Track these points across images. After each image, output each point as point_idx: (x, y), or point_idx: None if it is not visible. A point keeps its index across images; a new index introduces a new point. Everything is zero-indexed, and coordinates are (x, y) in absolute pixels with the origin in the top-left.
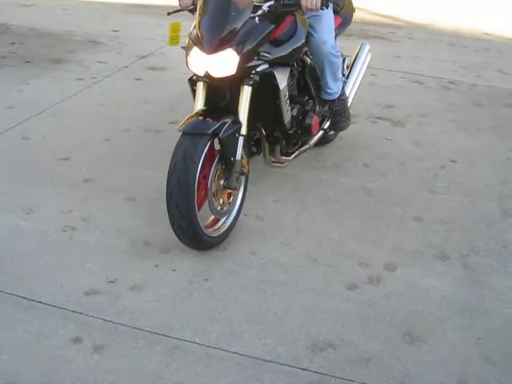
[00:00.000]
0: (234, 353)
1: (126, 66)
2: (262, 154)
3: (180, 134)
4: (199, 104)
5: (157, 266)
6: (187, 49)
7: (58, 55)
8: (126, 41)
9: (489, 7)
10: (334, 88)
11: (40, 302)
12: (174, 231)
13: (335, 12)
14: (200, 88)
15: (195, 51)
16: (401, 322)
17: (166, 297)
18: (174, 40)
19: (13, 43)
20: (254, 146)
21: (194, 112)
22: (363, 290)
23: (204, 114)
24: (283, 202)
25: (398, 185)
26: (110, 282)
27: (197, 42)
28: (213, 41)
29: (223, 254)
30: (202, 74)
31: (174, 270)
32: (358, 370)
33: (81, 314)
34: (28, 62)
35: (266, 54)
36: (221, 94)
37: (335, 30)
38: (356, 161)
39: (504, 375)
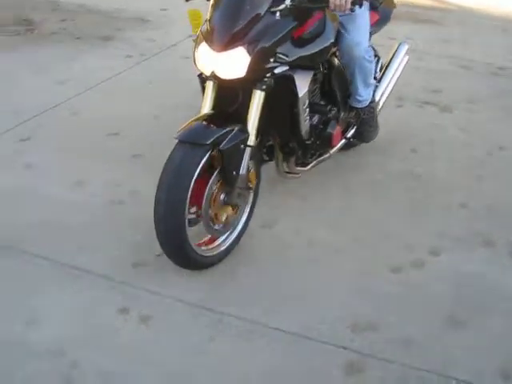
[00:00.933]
0: (276, 329)
1: (174, 45)
2: (274, 162)
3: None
4: (206, 106)
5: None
6: (196, 43)
7: (108, 32)
8: (174, 19)
9: None
10: (364, 95)
11: (88, 273)
12: (162, 249)
13: (373, 7)
14: (209, 88)
15: (203, 47)
16: (444, 307)
17: (211, 270)
18: (197, 28)
19: (63, 20)
20: (265, 153)
21: (199, 115)
22: (407, 273)
23: (209, 119)
24: (328, 184)
25: (445, 171)
26: (157, 255)
27: (206, 37)
28: (223, 37)
29: (268, 232)
30: (208, 73)
31: None
32: (399, 352)
33: (128, 285)
34: (78, 38)
35: (283, 56)
36: (232, 97)
37: (370, 27)
38: (403, 145)
39: None
